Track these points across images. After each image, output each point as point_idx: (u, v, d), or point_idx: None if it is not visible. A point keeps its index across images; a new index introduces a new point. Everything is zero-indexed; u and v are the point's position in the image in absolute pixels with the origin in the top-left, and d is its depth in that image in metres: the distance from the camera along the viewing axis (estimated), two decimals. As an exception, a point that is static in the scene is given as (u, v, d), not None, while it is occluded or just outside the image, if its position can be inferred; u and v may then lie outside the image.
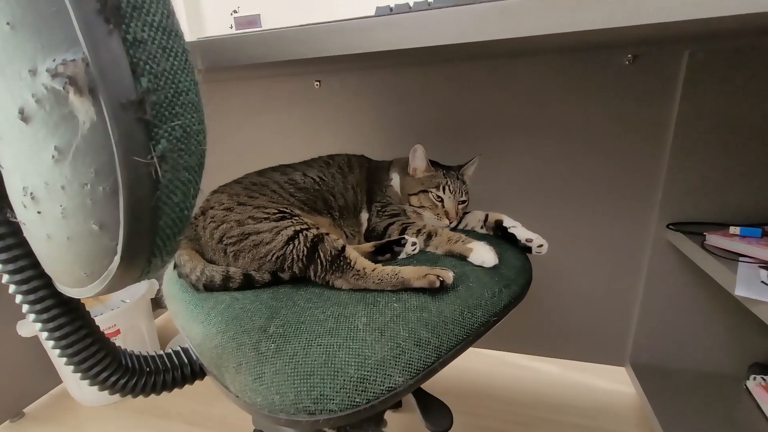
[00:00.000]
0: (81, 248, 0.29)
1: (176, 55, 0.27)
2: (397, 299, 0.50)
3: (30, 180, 0.29)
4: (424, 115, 1.08)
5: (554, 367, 1.20)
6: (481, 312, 0.50)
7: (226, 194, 0.64)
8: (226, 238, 0.58)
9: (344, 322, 0.46)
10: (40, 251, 0.35)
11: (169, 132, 0.26)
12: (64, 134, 0.25)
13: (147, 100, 0.25)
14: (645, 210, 1.00)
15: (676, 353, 1.07)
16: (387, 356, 0.42)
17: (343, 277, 0.53)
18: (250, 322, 0.47)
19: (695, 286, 1.00)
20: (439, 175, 0.73)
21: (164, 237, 0.29)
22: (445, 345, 0.46)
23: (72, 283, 0.34)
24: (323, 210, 0.68)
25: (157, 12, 0.25)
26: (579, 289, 1.11)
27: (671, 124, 0.93)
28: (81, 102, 0.23)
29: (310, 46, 0.52)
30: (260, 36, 0.53)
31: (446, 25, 0.48)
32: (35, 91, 0.25)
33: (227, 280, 0.55)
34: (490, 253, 0.57)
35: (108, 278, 0.29)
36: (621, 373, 1.15)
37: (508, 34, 0.46)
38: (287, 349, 0.43)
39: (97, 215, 0.27)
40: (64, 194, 0.27)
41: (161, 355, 0.54)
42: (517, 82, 0.99)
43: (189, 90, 0.28)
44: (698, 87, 0.88)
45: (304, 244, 0.55)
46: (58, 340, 0.42)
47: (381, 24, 0.50)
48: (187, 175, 0.28)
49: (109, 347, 0.47)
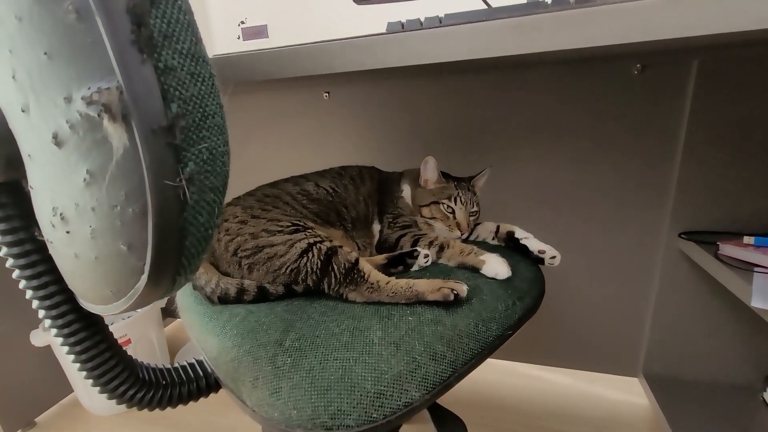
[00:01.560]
0: (108, 267, 0.30)
1: (204, 80, 0.27)
2: (412, 312, 0.50)
3: (60, 201, 0.30)
4: (432, 126, 1.09)
5: (565, 378, 1.19)
6: (495, 325, 0.50)
7: (240, 207, 0.65)
8: (241, 251, 0.58)
9: (359, 335, 0.46)
10: (65, 268, 0.36)
11: (197, 155, 0.27)
12: (96, 158, 0.26)
13: (177, 125, 0.25)
14: (656, 219, 1.00)
15: (690, 364, 1.05)
16: (403, 371, 0.42)
17: (357, 290, 0.53)
18: (266, 336, 0.48)
19: (709, 296, 0.99)
20: (451, 186, 0.73)
21: (189, 256, 0.30)
22: (460, 359, 0.46)
23: (97, 300, 0.34)
24: (336, 222, 0.69)
25: (186, 40, 0.26)
26: (590, 299, 1.11)
27: (681, 133, 0.93)
28: (115, 128, 0.24)
29: (324, 62, 0.53)
30: (275, 53, 0.54)
31: (459, 41, 0.48)
32: (69, 117, 0.25)
33: (242, 293, 0.56)
34: (503, 266, 0.57)
35: (134, 296, 0.30)
36: (633, 383, 1.14)
37: (521, 50, 0.46)
38: (304, 364, 0.43)
39: (125, 236, 0.28)
40: (94, 215, 0.28)
41: (176, 368, 0.54)
42: (526, 92, 1.00)
43: (215, 113, 0.28)
44: (708, 96, 0.88)
45: (318, 257, 0.55)
46: (78, 354, 0.43)
47: (395, 41, 0.51)
48: (212, 195, 0.29)
49: (127, 361, 0.48)
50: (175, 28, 0.25)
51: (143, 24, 0.23)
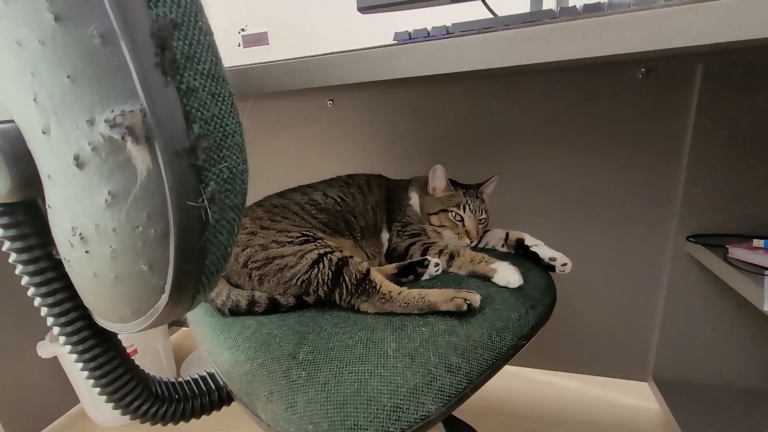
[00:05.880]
0: (128, 287, 0.30)
1: (224, 99, 0.28)
2: (425, 323, 0.50)
3: (80, 221, 0.30)
4: (438, 132, 1.09)
5: (574, 383, 1.18)
6: (509, 335, 0.50)
7: (249, 218, 0.65)
8: (251, 263, 0.58)
9: (373, 347, 0.46)
10: (83, 287, 0.36)
11: (218, 174, 0.27)
12: (118, 180, 0.26)
13: (199, 146, 0.26)
14: (663, 222, 1.00)
15: (700, 367, 1.05)
16: (419, 383, 0.42)
17: (369, 301, 0.53)
18: (279, 349, 0.47)
19: (718, 299, 0.99)
20: (459, 194, 0.73)
21: (209, 274, 0.30)
22: (475, 370, 0.45)
23: (115, 318, 0.34)
24: (345, 231, 0.69)
25: (207, 60, 0.26)
26: (598, 302, 1.10)
27: (687, 136, 0.93)
28: (138, 150, 0.24)
29: (335, 74, 0.53)
30: (284, 66, 0.55)
31: (470, 51, 0.48)
32: (92, 140, 0.26)
33: (253, 305, 0.56)
34: (514, 274, 0.57)
35: (154, 315, 0.30)
36: (644, 388, 1.13)
37: (532, 60, 0.46)
38: (318, 377, 0.43)
39: (147, 256, 0.28)
40: (114, 236, 0.28)
41: (189, 381, 0.54)
42: (532, 97, 1.00)
43: (235, 132, 0.29)
44: (713, 99, 0.88)
45: (329, 268, 0.55)
46: (93, 370, 0.43)
47: (404, 52, 0.51)
48: (232, 214, 0.29)
49: (140, 375, 0.48)
50: (196, 50, 0.25)
51: (167, 47, 0.23)
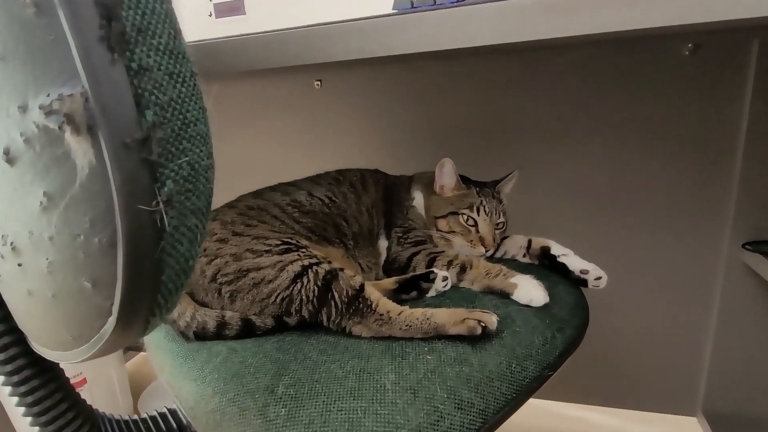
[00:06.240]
0: (68, 307, 0.30)
1: (184, 80, 0.27)
2: (431, 350, 0.49)
3: (11, 228, 0.29)
4: (446, 120, 1.09)
5: (611, 419, 1.18)
6: (532, 364, 0.50)
7: (219, 222, 0.64)
8: (221, 276, 0.58)
9: (368, 379, 0.46)
10: (16, 307, 0.35)
11: (176, 171, 0.27)
12: (55, 178, 0.26)
13: (153, 137, 0.25)
14: (715, 227, 0.99)
15: (757, 399, 1.04)
16: (423, 423, 0.42)
17: (363, 323, 0.53)
18: (254, 381, 0.47)
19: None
20: (472, 193, 0.73)
21: (166, 292, 0.29)
22: (491, 407, 0.45)
23: (53, 345, 0.34)
24: (334, 238, 0.69)
25: (163, 33, 0.26)
26: (638, 325, 1.10)
27: (742, 125, 0.93)
28: (78, 142, 0.24)
29: (321, 49, 0.53)
30: (261, 39, 0.55)
31: (483, 23, 0.48)
32: (24, 130, 0.25)
33: (222, 327, 0.56)
34: (538, 289, 0.57)
35: (99, 342, 0.29)
36: (692, 424, 1.13)
37: (557, 34, 0.46)
38: (301, 416, 0.43)
39: (90, 271, 0.27)
40: (51, 246, 0.27)
41: (145, 419, 0.54)
42: (558, 77, 1.00)
43: (197, 120, 0.28)
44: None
45: (315, 283, 0.55)
46: (30, 406, 0.43)
47: (404, 23, 0.51)
48: (194, 220, 0.28)
49: (87, 412, 0.48)
50: (151, 20, 0.25)
51: (114, 17, 0.23)
